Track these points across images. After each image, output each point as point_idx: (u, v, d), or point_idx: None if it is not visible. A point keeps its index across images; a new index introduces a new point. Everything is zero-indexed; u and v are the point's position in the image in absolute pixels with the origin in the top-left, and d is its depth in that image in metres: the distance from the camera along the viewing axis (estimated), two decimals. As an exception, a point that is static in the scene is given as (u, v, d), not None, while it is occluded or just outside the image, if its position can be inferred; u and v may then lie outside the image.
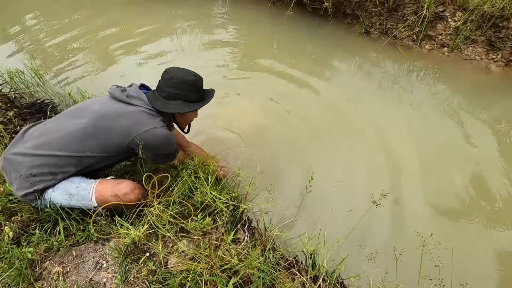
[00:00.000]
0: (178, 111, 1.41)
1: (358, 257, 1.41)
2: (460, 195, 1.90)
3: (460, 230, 1.74)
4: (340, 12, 3.18)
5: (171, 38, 3.27)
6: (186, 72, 1.43)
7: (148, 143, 1.36)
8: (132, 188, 1.35)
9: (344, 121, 2.39)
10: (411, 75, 2.72)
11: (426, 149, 2.16)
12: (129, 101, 1.35)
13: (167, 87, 1.38)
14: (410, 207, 1.84)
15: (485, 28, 2.56)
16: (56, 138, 1.28)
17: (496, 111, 2.40)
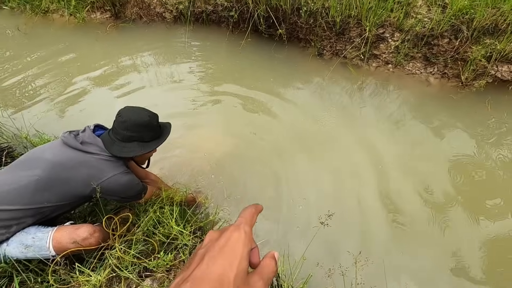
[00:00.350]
0: (134, 155, 1.43)
1: (318, 274, 1.48)
2: (415, 206, 2.06)
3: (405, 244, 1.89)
4: (294, 37, 3.40)
5: (134, 70, 3.32)
6: (140, 113, 1.43)
7: (112, 190, 1.38)
8: (92, 232, 1.35)
9: (306, 140, 2.53)
10: (362, 91, 2.95)
11: (380, 159, 2.34)
12: (84, 149, 1.35)
13: (121, 130, 1.39)
14: (377, 222, 1.97)
15: (420, 46, 2.86)
16: (8, 191, 1.25)
17: (436, 119, 2.66)
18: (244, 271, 0.34)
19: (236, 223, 0.39)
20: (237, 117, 2.74)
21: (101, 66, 3.35)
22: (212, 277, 0.31)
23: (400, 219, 1.96)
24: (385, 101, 2.87)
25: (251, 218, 0.41)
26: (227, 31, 3.64)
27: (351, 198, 2.10)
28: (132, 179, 1.47)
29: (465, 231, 1.92)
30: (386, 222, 1.95)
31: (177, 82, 3.15)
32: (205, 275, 0.32)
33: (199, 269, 0.32)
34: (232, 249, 0.35)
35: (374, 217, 1.96)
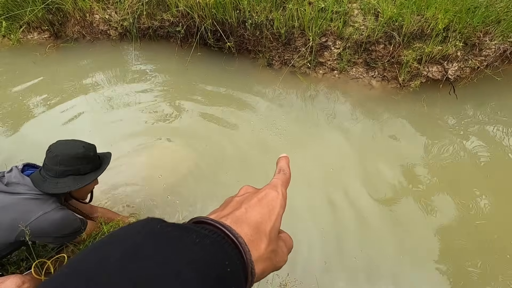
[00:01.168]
0: (69, 190, 1.34)
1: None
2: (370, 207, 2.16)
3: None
4: (243, 49, 3.44)
5: (79, 92, 3.14)
6: (73, 145, 1.34)
7: (43, 231, 1.27)
8: (20, 283, 1.23)
9: (263, 150, 2.56)
10: (312, 98, 3.06)
11: (335, 163, 2.44)
12: (9, 190, 1.24)
13: (53, 165, 1.29)
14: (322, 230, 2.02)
15: (360, 52, 3.03)
16: None
17: (382, 119, 2.82)
18: (277, 230, 0.34)
19: (272, 183, 0.39)
20: (192, 133, 2.70)
21: (41, 91, 3.12)
22: (250, 221, 0.31)
23: (350, 226, 2.04)
24: (334, 105, 3.00)
25: (287, 181, 0.41)
26: (176, 46, 3.59)
27: (305, 207, 2.14)
28: (66, 215, 1.37)
29: (415, 228, 2.04)
30: (336, 231, 2.02)
31: (127, 102, 3.03)
32: (244, 218, 0.31)
33: (238, 211, 0.32)
34: (270, 203, 0.35)
35: (326, 222, 2.02)
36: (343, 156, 2.51)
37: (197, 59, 3.41)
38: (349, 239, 1.97)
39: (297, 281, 1.23)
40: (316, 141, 2.63)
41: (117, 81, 3.30)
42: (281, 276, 1.15)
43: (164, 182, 2.28)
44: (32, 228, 1.23)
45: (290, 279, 1.16)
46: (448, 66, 2.82)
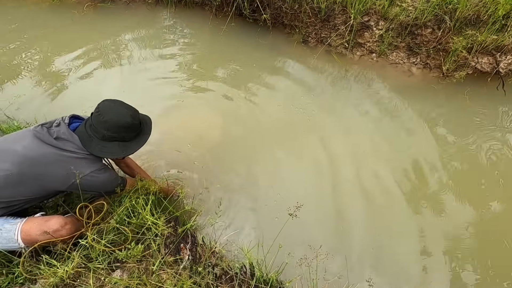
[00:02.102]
0: (114, 157, 1.40)
1: (291, 263, 1.51)
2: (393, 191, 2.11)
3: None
4: (279, 23, 3.32)
5: (112, 53, 3.18)
6: (121, 112, 1.33)
7: (90, 186, 1.36)
8: (63, 223, 1.32)
9: (287, 127, 2.52)
10: (345, 80, 2.94)
11: (361, 149, 2.37)
12: (60, 146, 1.28)
13: (102, 129, 1.31)
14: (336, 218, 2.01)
15: (404, 35, 2.84)
16: None
17: (417, 108, 2.68)
18: None
19: None
20: (219, 104, 2.69)
21: (76, 49, 3.19)
22: None
23: (376, 212, 2.01)
24: (368, 90, 2.87)
25: None
26: (211, 15, 3.51)
27: (329, 188, 2.12)
28: (110, 175, 1.45)
29: (439, 222, 1.98)
30: (360, 214, 1.99)
31: (157, 66, 3.04)
32: None
33: None
34: None
35: (350, 208, 2.00)
36: (371, 142, 2.43)
37: (230, 29, 3.34)
38: (369, 227, 1.94)
39: (328, 254, 1.24)
40: (343, 123, 2.56)
41: (149, 45, 3.30)
42: (313, 247, 1.17)
43: (192, 149, 2.32)
44: (80, 183, 1.31)
45: (322, 251, 1.17)
46: (501, 59, 2.60)
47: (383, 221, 1.96)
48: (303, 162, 2.29)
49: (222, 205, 1.98)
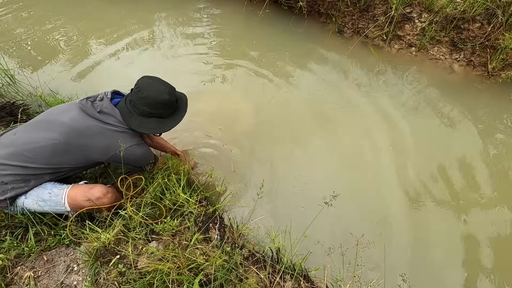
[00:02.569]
0: (152, 132, 1.44)
1: (318, 252, 1.52)
2: (424, 189, 2.05)
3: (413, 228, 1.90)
4: (314, 11, 3.24)
5: (147, 34, 3.25)
6: (159, 89, 1.38)
7: (128, 160, 1.43)
8: (105, 192, 1.40)
9: (318, 117, 2.49)
10: (381, 73, 2.84)
11: (392, 142, 2.31)
12: (102, 119, 1.35)
13: (141, 105, 1.36)
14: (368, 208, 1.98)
15: (448, 30, 2.69)
16: (27, 150, 1.29)
17: (456, 107, 2.56)
18: None
19: None
20: (250, 89, 2.69)
21: (113, 29, 3.28)
22: None
23: (412, 206, 1.96)
24: (404, 85, 2.76)
25: None
26: (245, 1, 3.48)
27: (360, 180, 2.09)
28: (146, 151, 1.51)
29: (479, 223, 1.90)
30: (397, 207, 1.96)
31: (189, 50, 3.07)
32: None
33: None
34: None
35: (386, 201, 1.97)
36: (405, 140, 2.35)
37: (264, 16, 3.30)
38: (404, 225, 1.90)
39: (370, 244, 1.24)
40: (378, 117, 2.48)
41: (181, 27, 3.33)
42: (356, 236, 1.17)
43: (223, 132, 2.35)
44: (119, 155, 1.37)
45: (363, 239, 1.18)
46: (556, 59, 2.40)
47: (420, 220, 1.91)
48: (331, 154, 2.26)
49: (249, 189, 2.02)
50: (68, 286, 1.22)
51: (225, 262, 1.31)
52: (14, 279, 1.24)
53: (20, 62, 2.93)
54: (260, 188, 1.35)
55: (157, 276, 1.21)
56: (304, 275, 1.52)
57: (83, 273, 1.26)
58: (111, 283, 1.22)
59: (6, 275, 1.24)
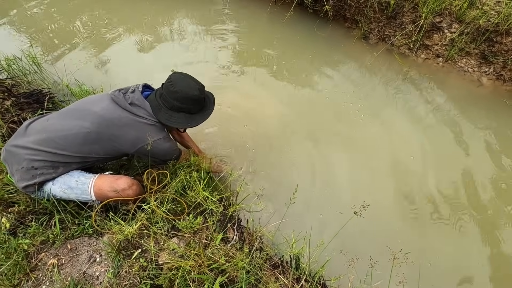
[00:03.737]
0: (180, 127, 1.45)
1: (340, 261, 1.49)
2: (445, 204, 1.99)
3: (439, 243, 1.84)
4: (340, 15, 3.20)
5: (170, 31, 3.27)
6: (190, 85, 1.40)
7: (154, 153, 1.44)
8: (130, 184, 1.40)
9: (338, 123, 2.46)
10: (405, 82, 2.78)
11: (414, 154, 2.25)
12: (133, 111, 1.37)
13: (171, 99, 1.37)
14: (394, 217, 1.93)
15: (479, 42, 2.62)
16: (59, 137, 1.31)
17: (482, 122, 2.48)
18: None
19: None
20: (271, 90, 2.68)
21: (138, 24, 3.32)
22: None
23: (437, 220, 1.91)
24: (428, 95, 2.70)
25: None
26: (270, 2, 3.47)
27: (379, 191, 2.05)
28: (172, 145, 1.52)
29: None
30: (418, 220, 1.91)
31: (212, 50, 3.08)
32: None
33: None
34: None
35: (402, 212, 1.92)
36: (424, 150, 2.29)
37: (289, 18, 3.28)
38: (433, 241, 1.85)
39: (408, 259, 1.20)
40: (400, 128, 2.43)
41: (204, 27, 3.35)
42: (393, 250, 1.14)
43: (247, 131, 2.34)
44: (146, 148, 1.38)
45: (400, 254, 1.14)
46: None
47: (433, 234, 1.86)
48: (351, 160, 2.22)
49: (268, 193, 2.00)
50: (90, 276, 1.22)
51: (245, 265, 1.30)
52: (38, 265, 1.25)
53: (47, 52, 3.00)
54: (293, 193, 1.33)
55: (178, 273, 1.20)
56: (323, 284, 1.49)
57: (105, 264, 1.26)
58: (133, 276, 1.22)
59: (31, 261, 1.25)
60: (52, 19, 3.40)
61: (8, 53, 2.58)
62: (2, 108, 2.03)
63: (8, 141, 1.35)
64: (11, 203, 1.46)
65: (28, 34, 3.20)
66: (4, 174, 1.50)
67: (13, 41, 3.10)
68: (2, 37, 3.16)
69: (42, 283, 1.20)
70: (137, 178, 1.73)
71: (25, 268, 1.21)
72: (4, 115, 1.97)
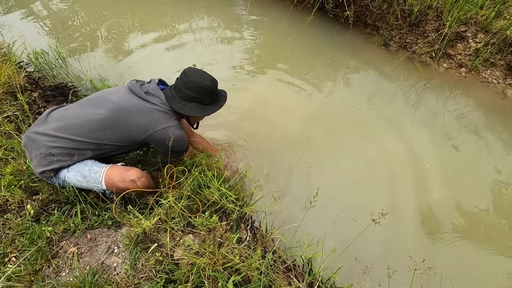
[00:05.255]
0: (193, 114, 1.49)
1: (354, 269, 1.47)
2: (467, 219, 1.94)
3: (458, 257, 1.79)
4: (360, 21, 3.18)
5: (191, 32, 3.32)
6: (204, 76, 1.48)
7: (163, 140, 1.45)
8: (140, 176, 1.43)
9: (354, 129, 2.44)
10: (426, 91, 2.73)
11: (432, 162, 2.21)
12: (147, 98, 1.43)
13: (185, 89, 1.44)
14: (411, 226, 1.89)
15: (506, 53, 2.55)
16: (76, 123, 1.36)
17: (507, 136, 2.41)
18: None
19: None
20: (288, 95, 2.68)
21: (161, 23, 3.39)
22: None
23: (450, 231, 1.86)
24: (449, 105, 2.64)
25: None
26: (291, 5, 3.48)
27: (393, 198, 2.01)
28: (183, 135, 1.54)
29: None
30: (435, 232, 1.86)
31: (231, 51, 3.11)
32: None
33: None
34: None
35: (421, 222, 1.88)
36: (445, 163, 2.24)
37: (309, 22, 3.28)
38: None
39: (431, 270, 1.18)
40: (420, 138, 2.38)
41: (224, 29, 3.39)
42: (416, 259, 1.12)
43: (265, 132, 2.35)
44: (157, 135, 1.41)
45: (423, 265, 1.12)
46: None
47: (449, 253, 1.81)
48: (364, 167, 2.19)
49: (282, 195, 2.00)
50: (108, 266, 1.25)
51: (260, 266, 1.30)
52: (59, 252, 1.29)
53: (72, 47, 3.10)
54: (314, 197, 1.33)
55: (193, 269, 1.22)
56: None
57: (123, 256, 1.29)
58: (149, 269, 1.24)
59: (52, 248, 1.29)
60: (77, 16, 3.52)
61: (37, 47, 2.68)
62: (30, 99, 2.11)
63: (29, 128, 1.41)
64: (35, 191, 1.51)
65: (55, 30, 3.32)
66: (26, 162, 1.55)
67: (42, 36, 3.22)
68: (32, 31, 3.28)
69: (62, 270, 1.23)
70: (153, 173, 1.77)
71: (47, 255, 1.25)
72: (31, 106, 2.04)
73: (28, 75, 2.37)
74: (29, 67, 2.60)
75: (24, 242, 1.26)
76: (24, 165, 1.57)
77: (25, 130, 1.81)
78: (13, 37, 2.76)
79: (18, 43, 2.70)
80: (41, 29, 3.33)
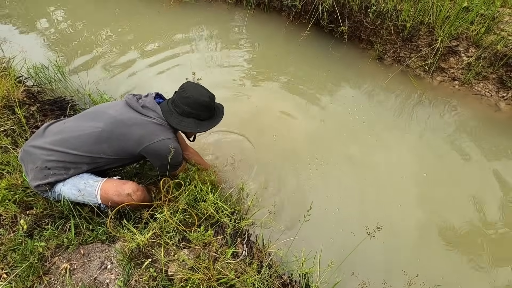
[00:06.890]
0: (190, 131, 1.50)
1: (350, 283, 1.45)
2: (457, 233, 1.93)
3: (452, 270, 1.77)
4: (355, 36, 3.26)
5: (189, 46, 3.39)
6: (202, 92, 1.49)
7: (158, 153, 1.46)
8: (135, 189, 1.42)
9: (351, 142, 2.45)
10: (420, 104, 2.77)
11: (425, 178, 2.21)
12: (144, 112, 1.44)
13: (183, 104, 1.45)
14: (407, 241, 1.88)
15: (497, 66, 2.60)
16: (73, 137, 1.37)
17: (498, 148, 2.43)
18: None
19: None
20: (284, 108, 2.71)
21: (160, 39, 3.46)
22: None
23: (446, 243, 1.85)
24: (443, 119, 2.67)
25: None
26: (287, 21, 3.57)
27: (386, 211, 2.01)
28: (178, 148, 1.54)
29: None
30: (428, 242, 1.85)
31: (227, 65, 3.16)
32: None
33: None
34: None
35: (413, 235, 1.87)
36: (436, 172, 2.25)
37: (304, 37, 3.35)
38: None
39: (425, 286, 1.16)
40: (414, 152, 2.40)
41: (221, 43, 3.46)
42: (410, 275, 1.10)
43: (258, 147, 2.36)
44: (152, 147, 1.41)
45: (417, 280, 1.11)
46: None
47: (443, 266, 1.80)
48: (361, 180, 2.19)
49: (278, 209, 1.99)
50: (101, 283, 1.23)
51: (255, 281, 1.28)
52: (51, 268, 1.27)
53: (71, 62, 3.14)
54: (307, 211, 1.32)
55: (188, 285, 1.20)
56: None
57: (116, 272, 1.27)
58: (142, 286, 1.22)
59: (45, 264, 1.27)
60: (78, 31, 3.59)
61: (36, 61, 2.72)
62: (28, 113, 2.12)
63: (27, 142, 1.41)
64: (29, 205, 1.50)
65: (55, 45, 3.37)
66: (15, 174, 1.55)
67: (43, 50, 3.28)
68: (33, 45, 3.34)
69: (54, 287, 1.21)
70: (148, 186, 1.76)
71: (38, 271, 1.23)
72: (29, 120, 2.05)
73: (27, 89, 2.40)
74: (28, 81, 2.63)
75: (16, 258, 1.24)
76: (19, 179, 1.56)
77: (22, 144, 1.82)
78: (13, 53, 2.81)
79: (18, 58, 2.74)
80: (42, 44, 3.39)
